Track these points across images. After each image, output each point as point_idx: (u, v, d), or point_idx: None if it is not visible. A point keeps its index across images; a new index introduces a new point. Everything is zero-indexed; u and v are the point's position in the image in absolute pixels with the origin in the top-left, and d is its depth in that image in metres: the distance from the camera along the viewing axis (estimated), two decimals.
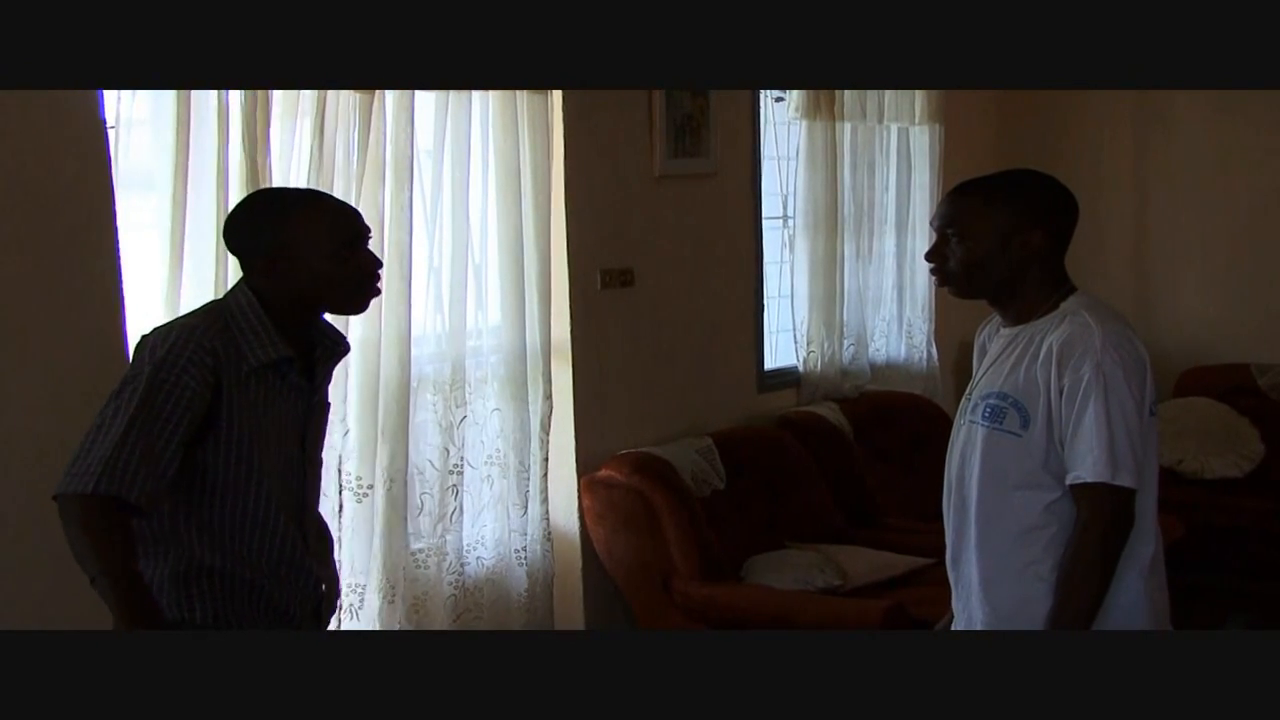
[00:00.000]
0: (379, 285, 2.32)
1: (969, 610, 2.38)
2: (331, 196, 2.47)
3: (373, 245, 2.34)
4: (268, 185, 3.18)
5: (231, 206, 3.06)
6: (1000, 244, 2.27)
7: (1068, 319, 2.24)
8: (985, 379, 2.33)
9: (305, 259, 2.22)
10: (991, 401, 2.28)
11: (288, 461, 2.28)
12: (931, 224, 2.38)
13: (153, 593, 2.10)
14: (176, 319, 2.28)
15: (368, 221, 2.24)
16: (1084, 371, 2.17)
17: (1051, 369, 2.20)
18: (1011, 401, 2.24)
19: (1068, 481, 2.21)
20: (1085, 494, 2.19)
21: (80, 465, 2.03)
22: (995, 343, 2.39)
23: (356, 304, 2.33)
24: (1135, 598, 2.26)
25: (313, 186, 3.20)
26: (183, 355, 2.10)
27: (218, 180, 3.10)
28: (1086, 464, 2.17)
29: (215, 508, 2.19)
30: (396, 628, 3.61)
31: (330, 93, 3.30)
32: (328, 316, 2.38)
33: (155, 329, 2.21)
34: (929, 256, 2.36)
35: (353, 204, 3.35)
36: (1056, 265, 2.32)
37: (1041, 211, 2.29)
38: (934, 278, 2.39)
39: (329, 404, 2.47)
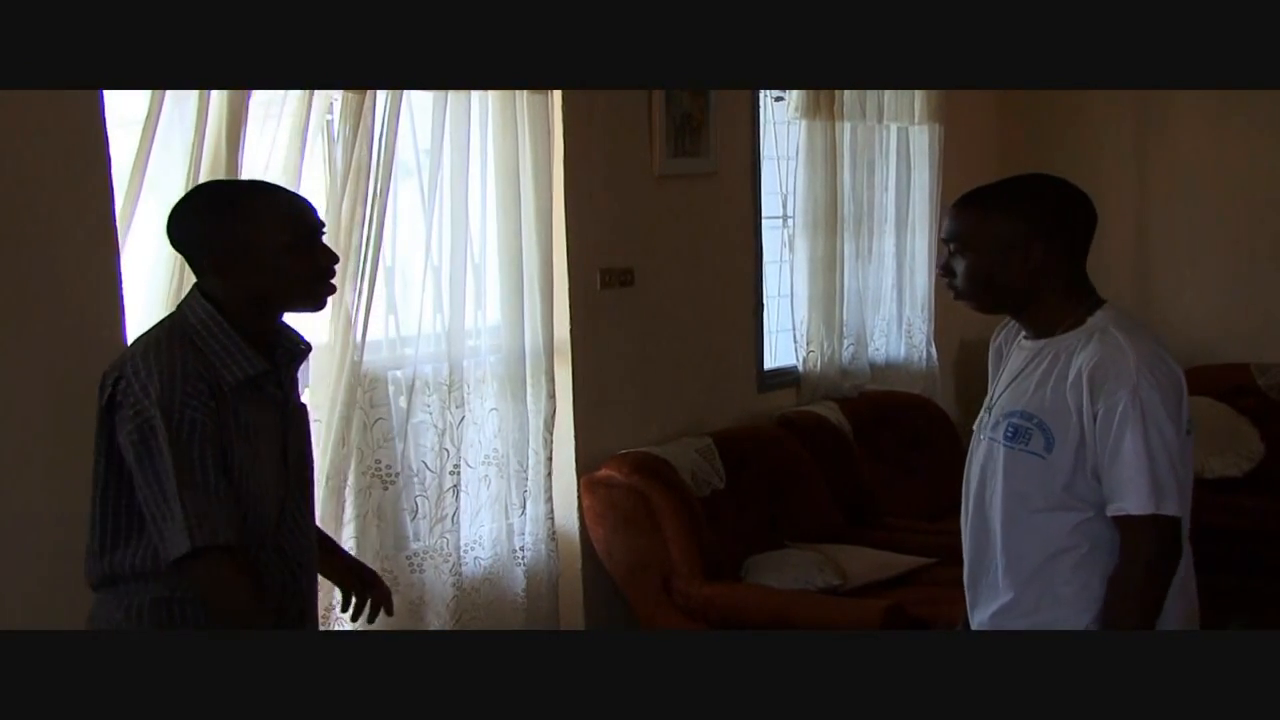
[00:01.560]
0: (334, 282, 2.23)
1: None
2: (284, 188, 2.36)
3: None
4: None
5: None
6: (1001, 258, 2.18)
7: (1096, 337, 2.15)
8: (1007, 395, 2.25)
9: (263, 254, 2.11)
10: (1015, 420, 2.19)
11: (275, 477, 2.20)
12: (941, 238, 2.31)
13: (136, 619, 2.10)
14: (139, 343, 2.13)
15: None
16: (1120, 397, 2.08)
17: (1084, 393, 2.11)
18: (1036, 422, 2.16)
19: (1109, 513, 2.12)
20: (1130, 526, 2.10)
21: (171, 529, 2.01)
22: (1016, 355, 2.30)
23: (314, 301, 2.22)
24: (1171, 619, 2.16)
25: (292, 184, 3.10)
26: (178, 390, 2.02)
27: (188, 178, 3.02)
28: (1129, 495, 2.09)
29: None
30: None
31: (314, 92, 3.28)
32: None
33: (125, 362, 2.09)
34: (941, 271, 2.29)
35: (343, 205, 3.35)
36: (1075, 275, 2.22)
37: (1040, 222, 2.18)
38: (951, 292, 2.30)
39: (304, 407, 2.38)
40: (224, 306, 2.13)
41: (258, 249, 2.11)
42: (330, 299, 3.36)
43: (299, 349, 2.29)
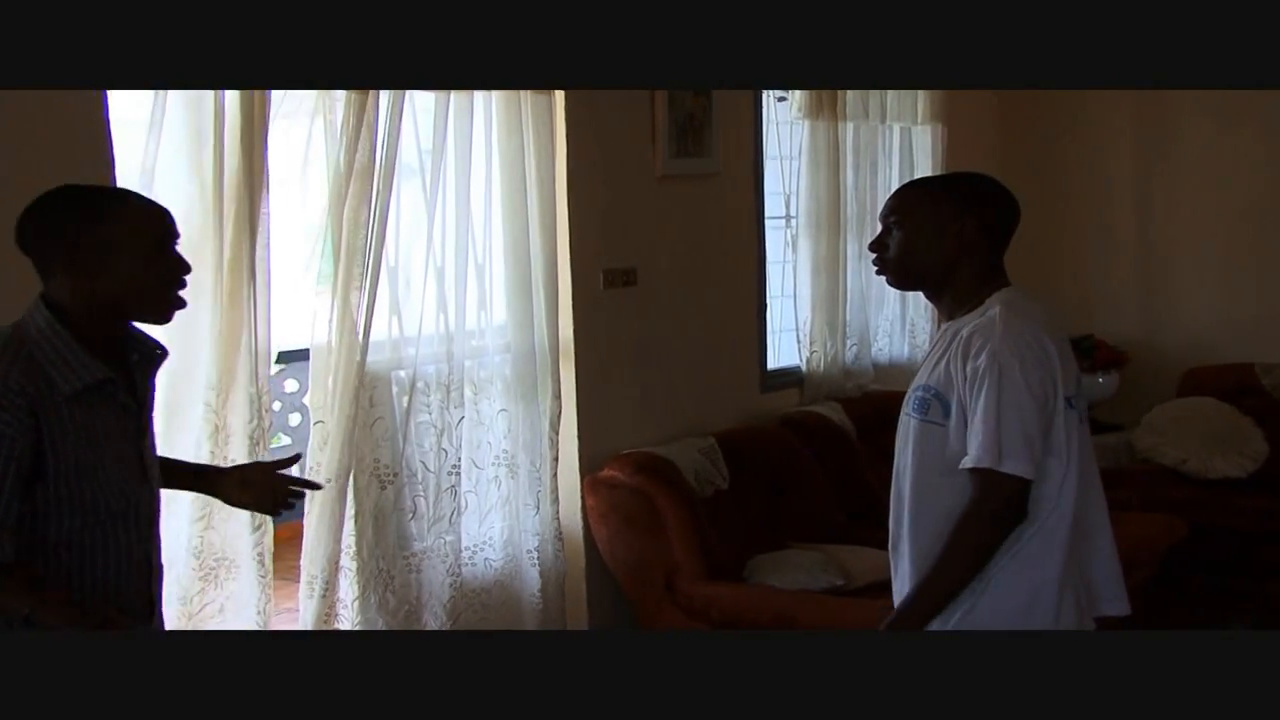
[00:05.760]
0: (183, 295, 2.16)
1: (903, 595, 2.42)
2: (141, 195, 2.31)
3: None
4: (264, 186, 3.16)
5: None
6: (936, 231, 2.32)
7: (982, 313, 2.29)
8: (920, 372, 2.40)
9: (116, 259, 2.06)
10: (919, 394, 2.34)
11: (134, 480, 2.15)
12: (879, 217, 2.45)
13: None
14: None
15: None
16: (981, 360, 2.21)
17: (958, 362, 2.25)
18: (934, 393, 2.30)
19: (960, 465, 2.23)
20: (975, 479, 2.21)
21: None
22: (936, 338, 2.44)
23: (162, 311, 2.16)
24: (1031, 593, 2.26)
25: (283, 185, 3.15)
26: None
27: (214, 182, 3.05)
28: (973, 449, 2.20)
29: (50, 553, 2.05)
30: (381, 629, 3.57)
31: (315, 93, 3.27)
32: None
33: None
34: (872, 246, 2.43)
35: (346, 205, 3.35)
36: (989, 262, 2.35)
37: (978, 202, 2.34)
38: (875, 268, 2.44)
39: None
40: (69, 313, 2.08)
41: (113, 252, 2.06)
42: (334, 302, 3.37)
43: (154, 355, 2.24)
